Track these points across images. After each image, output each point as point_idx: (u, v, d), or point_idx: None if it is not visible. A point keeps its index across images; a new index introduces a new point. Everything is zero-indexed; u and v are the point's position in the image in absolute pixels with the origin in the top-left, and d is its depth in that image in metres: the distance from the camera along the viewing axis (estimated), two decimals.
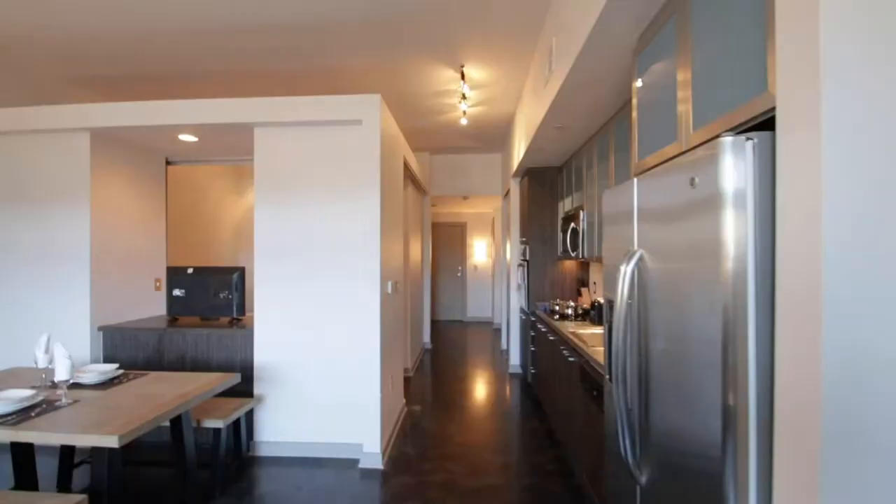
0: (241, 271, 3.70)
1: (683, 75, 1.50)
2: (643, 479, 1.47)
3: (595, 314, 3.44)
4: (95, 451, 1.96)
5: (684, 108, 1.50)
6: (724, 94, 1.27)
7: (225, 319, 3.73)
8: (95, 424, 1.88)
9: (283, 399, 3.27)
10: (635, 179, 1.55)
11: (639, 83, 1.90)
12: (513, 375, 5.32)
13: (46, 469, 2.95)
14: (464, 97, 4.26)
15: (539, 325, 4.09)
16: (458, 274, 9.75)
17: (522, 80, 4.02)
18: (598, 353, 2.39)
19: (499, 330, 8.51)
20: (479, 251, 9.74)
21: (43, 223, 3.45)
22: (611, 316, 1.76)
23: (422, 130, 5.51)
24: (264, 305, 3.31)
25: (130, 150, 3.85)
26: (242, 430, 3.07)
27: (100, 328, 3.49)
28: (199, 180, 5.93)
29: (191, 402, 2.22)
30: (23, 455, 2.64)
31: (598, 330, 3.14)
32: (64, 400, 2.13)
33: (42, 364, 2.31)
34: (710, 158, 1.09)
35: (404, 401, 4.24)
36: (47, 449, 3.27)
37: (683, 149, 1.50)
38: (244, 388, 3.22)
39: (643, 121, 1.85)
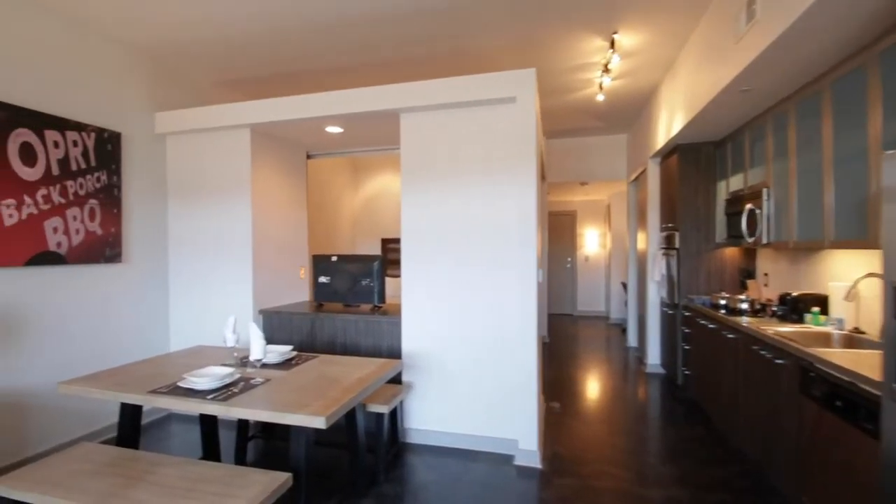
0: (381, 259, 3.72)
1: None
2: None
3: (786, 310, 2.95)
4: (294, 431, 1.99)
5: None
6: None
7: (366, 306, 3.79)
8: (296, 404, 1.90)
9: (431, 388, 3.22)
10: None
11: None
12: (651, 376, 4.87)
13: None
14: (606, 69, 3.90)
15: (700, 321, 3.63)
16: (568, 265, 9.31)
17: (680, 44, 3.56)
18: (831, 354, 1.98)
19: (617, 325, 7.98)
20: (591, 241, 9.20)
21: (214, 215, 3.74)
22: None
23: (545, 111, 5.23)
24: (412, 293, 3.27)
25: (279, 144, 4.05)
26: (398, 416, 3.07)
27: (260, 311, 3.71)
28: (323, 174, 6.21)
29: (372, 387, 2.19)
30: (209, 428, 2.85)
31: (790, 328, 2.66)
32: (258, 378, 2.21)
33: (230, 343, 2.44)
34: None
35: (542, 396, 4.03)
36: (223, 422, 3.55)
37: None
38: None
39: None
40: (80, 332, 3.16)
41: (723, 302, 3.46)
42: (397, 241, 6.92)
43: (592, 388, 4.51)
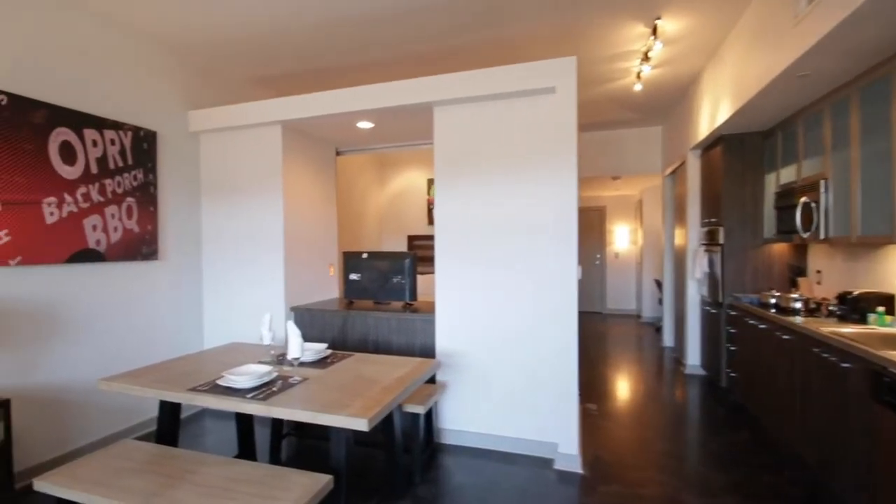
0: (412, 256, 3.66)
1: None
2: None
3: (846, 309, 2.75)
4: (334, 432, 1.94)
5: None
6: None
7: (396, 304, 3.74)
8: (336, 404, 1.85)
9: (466, 387, 3.14)
10: None
11: None
12: (691, 377, 4.68)
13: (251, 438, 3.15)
14: (646, 57, 3.74)
15: (748, 321, 3.45)
16: (597, 262, 9.09)
17: (727, 28, 3.38)
18: None
19: (649, 324, 7.75)
20: (621, 237, 8.96)
21: (246, 212, 3.75)
22: None
23: (577, 104, 5.07)
24: (446, 290, 3.20)
25: (309, 141, 4.02)
26: (433, 416, 3.00)
27: (291, 308, 3.69)
28: (349, 171, 6.19)
29: (411, 388, 2.13)
30: (245, 425, 2.84)
31: (852, 329, 2.48)
32: (296, 377, 2.17)
33: (267, 341, 2.41)
34: None
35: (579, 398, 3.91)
36: (256, 419, 3.54)
37: None
38: None
39: None
40: (117, 329, 3.20)
41: (773, 300, 3.28)
42: (424, 237, 6.86)
43: (629, 389, 4.36)
